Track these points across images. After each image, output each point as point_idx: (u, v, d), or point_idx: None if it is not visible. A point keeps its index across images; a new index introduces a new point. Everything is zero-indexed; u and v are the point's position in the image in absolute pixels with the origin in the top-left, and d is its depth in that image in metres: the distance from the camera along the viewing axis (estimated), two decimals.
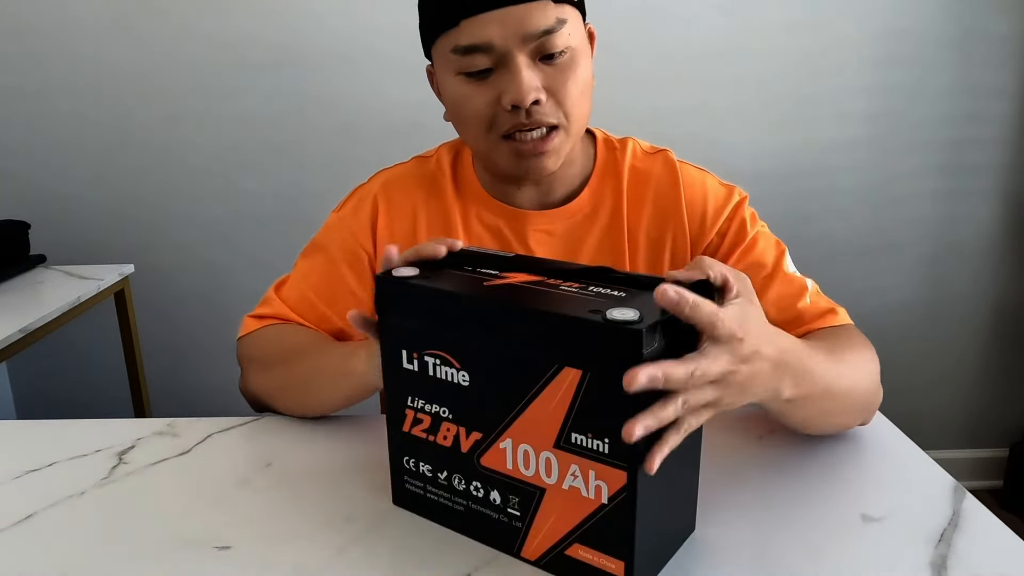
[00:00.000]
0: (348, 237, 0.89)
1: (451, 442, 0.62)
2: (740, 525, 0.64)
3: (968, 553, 0.60)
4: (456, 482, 0.63)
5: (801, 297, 0.81)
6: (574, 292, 0.56)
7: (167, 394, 2.04)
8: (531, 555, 0.60)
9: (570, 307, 0.53)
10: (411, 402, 0.63)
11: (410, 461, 0.65)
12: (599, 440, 0.53)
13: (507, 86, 0.73)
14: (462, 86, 0.75)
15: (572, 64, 0.75)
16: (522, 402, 0.56)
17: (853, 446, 0.78)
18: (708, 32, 1.85)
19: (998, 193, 2.00)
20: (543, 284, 0.58)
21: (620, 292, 0.56)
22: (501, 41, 0.71)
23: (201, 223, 1.96)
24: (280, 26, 1.83)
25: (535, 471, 0.57)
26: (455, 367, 0.59)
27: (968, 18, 1.86)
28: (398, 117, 1.87)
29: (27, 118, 1.88)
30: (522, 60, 0.72)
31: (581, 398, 0.53)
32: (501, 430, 0.58)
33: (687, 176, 0.87)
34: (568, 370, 0.53)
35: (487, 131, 0.77)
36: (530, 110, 0.73)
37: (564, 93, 0.75)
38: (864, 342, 0.78)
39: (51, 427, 0.86)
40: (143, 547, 0.63)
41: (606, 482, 0.54)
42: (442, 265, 0.63)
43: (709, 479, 0.69)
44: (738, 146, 1.93)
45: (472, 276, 0.61)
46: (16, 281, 1.70)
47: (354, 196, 0.93)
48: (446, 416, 0.61)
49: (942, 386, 2.14)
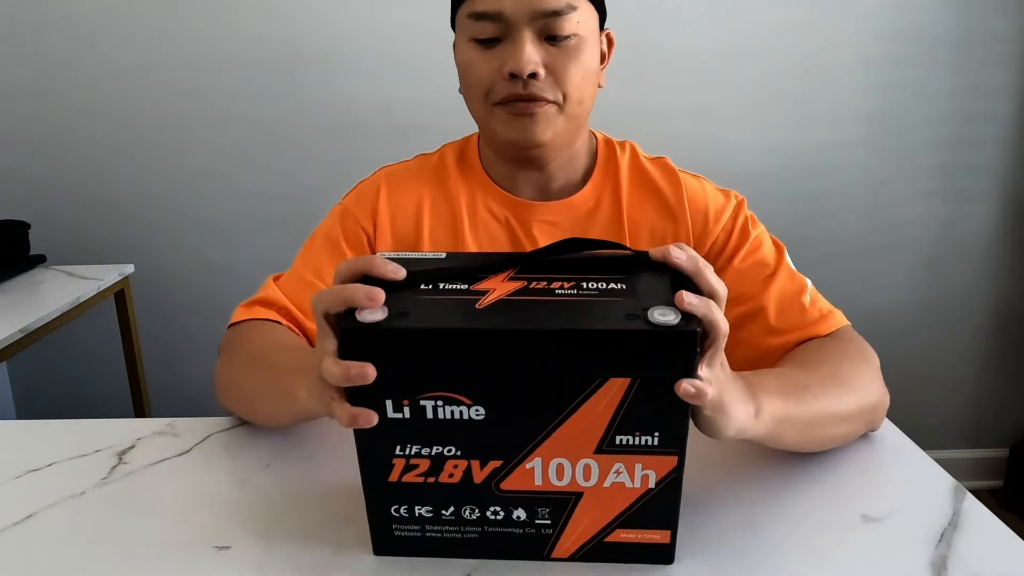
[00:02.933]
0: (350, 221, 0.90)
1: (460, 477, 0.55)
2: (740, 525, 0.64)
3: (968, 553, 0.60)
4: (467, 513, 0.57)
5: (802, 294, 0.83)
6: (577, 295, 0.53)
7: (167, 394, 2.04)
8: (563, 554, 0.57)
9: (598, 315, 0.50)
10: (401, 451, 0.55)
11: (400, 509, 0.57)
12: (648, 436, 0.52)
13: (509, 56, 0.77)
14: (471, 52, 0.80)
15: (577, 50, 0.78)
16: (556, 420, 0.52)
17: (853, 446, 0.78)
18: (708, 32, 1.85)
19: (998, 193, 2.00)
20: (533, 291, 0.54)
21: (618, 282, 0.54)
22: (511, 13, 0.76)
23: (201, 223, 1.96)
24: (280, 26, 1.83)
25: (570, 480, 0.54)
26: (465, 404, 0.52)
27: (968, 18, 1.86)
28: (398, 117, 1.87)
29: (27, 118, 1.88)
30: (527, 35, 0.76)
31: (629, 403, 0.51)
32: (528, 452, 0.54)
33: (686, 182, 0.89)
34: (614, 380, 0.50)
35: (485, 97, 0.80)
36: (527, 82, 0.77)
37: (564, 74, 0.78)
38: (854, 348, 0.78)
39: (51, 427, 0.86)
40: (143, 547, 0.63)
41: (654, 470, 0.53)
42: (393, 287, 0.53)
43: (709, 478, 0.69)
44: (738, 146, 1.93)
45: (454, 299, 0.53)
46: (16, 281, 1.70)
47: (355, 188, 0.94)
48: (452, 454, 0.55)
49: (942, 386, 2.13)
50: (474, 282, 0.55)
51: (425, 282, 0.55)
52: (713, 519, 0.64)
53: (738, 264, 0.85)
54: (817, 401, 0.68)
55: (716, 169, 0.93)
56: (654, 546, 0.57)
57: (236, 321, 0.86)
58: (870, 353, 0.78)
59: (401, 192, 0.90)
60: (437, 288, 0.54)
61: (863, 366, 0.75)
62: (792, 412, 0.64)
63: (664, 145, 0.92)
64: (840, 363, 0.74)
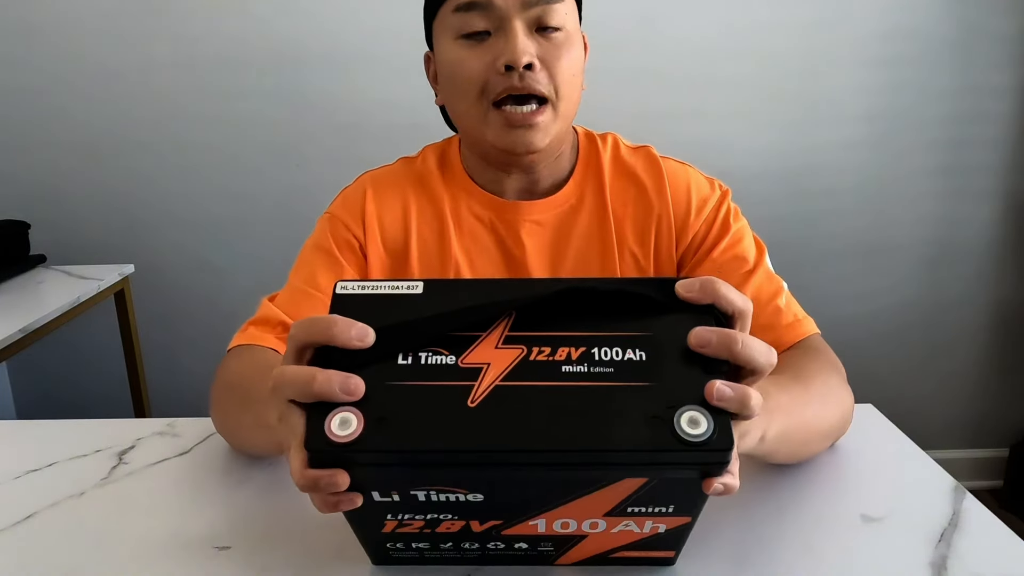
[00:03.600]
0: (340, 228, 0.87)
1: (458, 529, 0.51)
2: (740, 525, 0.64)
3: (968, 553, 0.60)
4: (467, 545, 0.54)
5: (778, 296, 0.82)
6: (587, 372, 0.45)
7: (167, 394, 2.04)
8: (567, 562, 0.56)
9: (615, 417, 0.43)
10: (393, 517, 0.50)
11: (397, 544, 0.54)
12: (662, 507, 0.48)
13: (503, 48, 0.75)
14: (459, 50, 0.77)
15: (567, 43, 0.77)
16: (561, 505, 0.47)
17: (853, 446, 0.78)
18: (708, 32, 1.85)
19: (998, 193, 2.00)
20: (534, 366, 0.45)
21: (635, 349, 0.46)
22: (502, 2, 0.74)
23: (201, 223, 1.96)
24: (280, 27, 1.83)
25: (576, 529, 0.51)
26: (462, 493, 0.46)
27: (969, 18, 1.86)
28: (398, 117, 1.87)
29: (27, 118, 1.88)
30: (519, 25, 0.75)
31: (645, 492, 0.46)
32: (530, 516, 0.49)
33: (670, 168, 0.88)
34: (629, 480, 0.45)
35: (479, 97, 0.77)
36: (523, 74, 0.75)
37: (557, 67, 0.77)
38: (827, 360, 0.77)
39: (51, 427, 0.86)
40: (143, 547, 0.63)
41: (665, 524, 0.50)
42: (366, 361, 0.45)
43: None
44: (738, 146, 1.93)
45: (440, 389, 0.44)
46: (16, 281, 1.70)
47: (340, 195, 0.92)
48: (448, 519, 0.50)
49: (942, 386, 2.13)
50: (462, 351, 0.46)
51: (404, 350, 0.46)
52: (713, 518, 0.64)
53: (717, 256, 0.84)
54: (814, 417, 0.68)
55: (715, 170, 0.92)
56: (658, 557, 0.57)
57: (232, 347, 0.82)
58: (839, 364, 0.78)
59: (387, 197, 0.88)
60: (418, 364, 0.45)
61: (837, 379, 0.75)
62: (792, 431, 0.63)
63: (664, 146, 0.91)
64: (826, 375, 0.74)
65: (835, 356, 0.78)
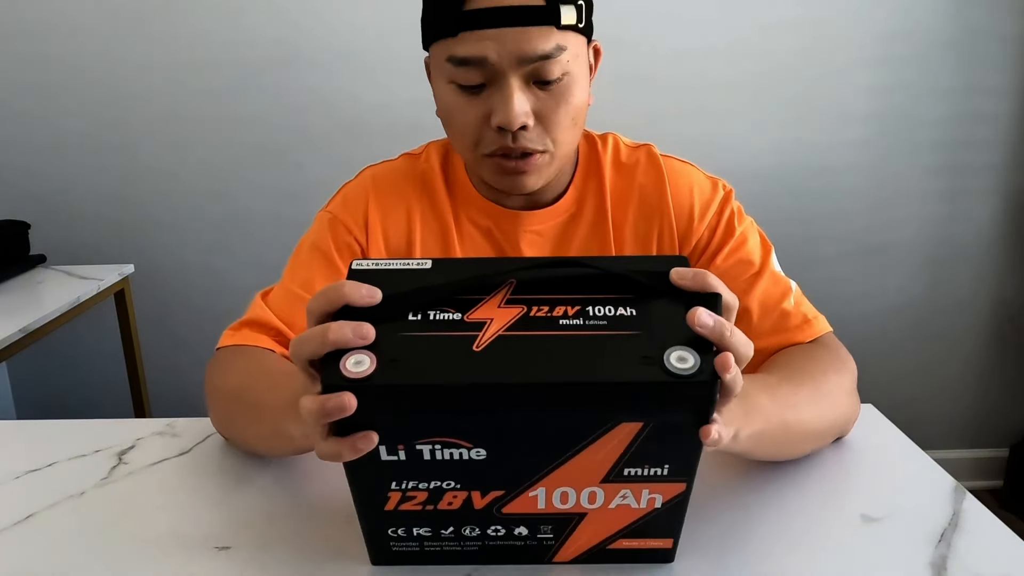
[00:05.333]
0: (340, 230, 0.85)
1: (460, 505, 0.54)
2: (740, 524, 0.64)
3: (968, 553, 0.60)
4: (468, 531, 0.56)
5: (786, 298, 0.80)
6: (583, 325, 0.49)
7: (167, 394, 2.04)
8: (564, 559, 0.57)
9: (610, 358, 0.47)
10: (396, 486, 0.53)
11: (398, 531, 0.56)
12: (658, 467, 0.51)
13: (497, 106, 0.72)
14: (454, 96, 0.74)
15: (566, 91, 0.73)
16: (561, 459, 0.51)
17: (853, 446, 0.78)
18: (707, 32, 1.85)
19: (998, 193, 2.00)
20: (535, 320, 0.49)
21: (627, 306, 0.50)
22: (497, 59, 0.70)
23: (201, 223, 1.96)
24: (280, 26, 1.83)
25: (574, 504, 0.53)
26: (465, 447, 0.50)
27: (968, 18, 1.86)
28: (399, 117, 1.87)
29: (27, 118, 1.88)
30: (515, 82, 0.71)
31: (639, 443, 0.49)
32: (531, 484, 0.52)
33: (672, 170, 0.85)
34: (625, 424, 0.48)
35: (472, 147, 0.76)
36: (516, 134, 0.73)
37: (553, 121, 0.73)
38: (835, 359, 0.76)
39: (51, 427, 0.86)
40: (143, 547, 0.63)
41: (661, 494, 0.52)
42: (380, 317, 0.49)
43: (708, 478, 0.69)
44: (738, 146, 1.93)
45: (448, 338, 0.48)
46: (16, 281, 1.70)
47: (341, 192, 0.89)
48: (452, 487, 0.53)
49: (942, 386, 2.13)
50: (468, 309, 0.50)
51: (414, 309, 0.50)
52: (713, 518, 0.64)
53: (720, 262, 0.82)
54: (799, 420, 0.67)
55: (716, 169, 0.92)
56: (655, 550, 0.57)
57: (223, 345, 0.81)
58: (849, 363, 0.77)
59: (391, 199, 0.86)
60: (427, 319, 0.49)
61: (841, 378, 0.74)
62: (770, 433, 0.63)
63: (664, 146, 0.91)
64: (825, 375, 0.73)
65: (846, 355, 0.77)
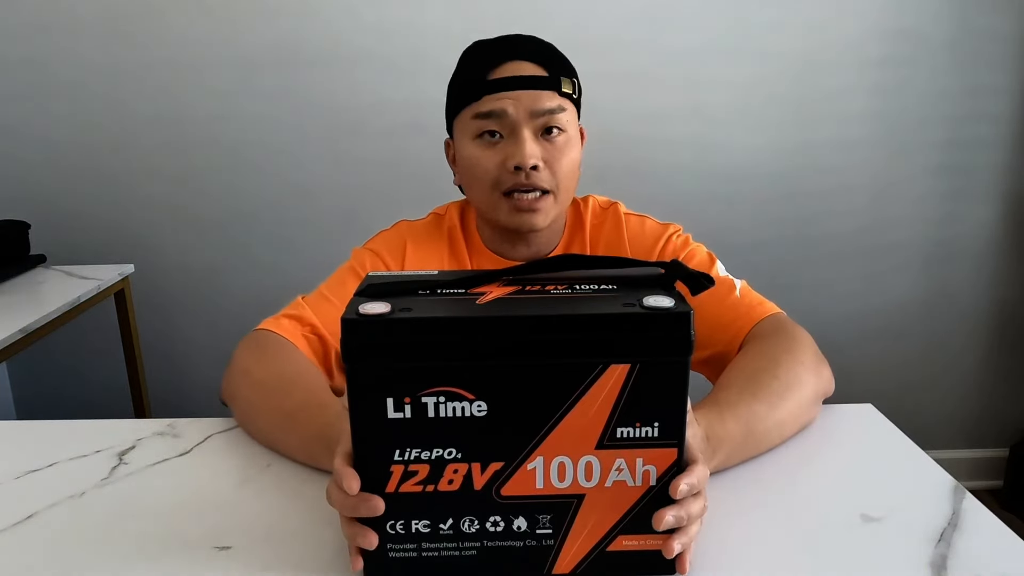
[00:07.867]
0: (379, 262, 0.98)
1: (460, 484, 0.55)
2: (740, 524, 0.64)
3: (968, 553, 0.60)
4: (466, 525, 0.57)
5: (732, 292, 0.90)
6: (572, 293, 0.56)
7: (167, 394, 2.04)
8: (564, 568, 0.57)
9: (595, 305, 0.53)
10: (400, 456, 0.55)
11: (397, 525, 0.56)
12: (648, 427, 0.54)
13: (513, 151, 0.88)
14: (477, 149, 0.91)
15: (567, 146, 0.90)
16: (559, 412, 0.53)
17: (853, 446, 0.78)
18: (707, 32, 1.85)
19: (998, 193, 2.00)
20: (529, 292, 0.57)
21: (611, 284, 0.57)
22: (513, 112, 0.88)
23: (201, 223, 1.96)
24: (280, 26, 1.83)
25: (572, 480, 0.55)
26: (468, 399, 0.53)
27: (968, 18, 1.86)
28: (399, 118, 1.87)
29: (27, 118, 1.88)
30: (527, 133, 0.88)
31: (629, 391, 0.53)
32: (530, 451, 0.54)
33: (629, 222, 1.00)
34: (615, 366, 0.52)
35: (492, 188, 0.91)
36: (529, 173, 0.88)
37: (558, 166, 0.90)
38: (787, 339, 0.83)
39: (51, 427, 0.86)
40: (143, 547, 0.63)
41: (655, 465, 0.55)
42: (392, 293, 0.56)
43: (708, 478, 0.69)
44: (738, 146, 1.93)
45: (454, 299, 0.56)
46: (16, 281, 1.70)
47: (379, 236, 1.02)
48: (453, 457, 0.55)
49: (942, 386, 2.13)
50: (471, 287, 0.58)
51: (423, 288, 0.57)
52: (712, 518, 0.64)
53: None
54: (764, 427, 0.74)
55: (715, 170, 0.92)
56: (656, 555, 0.57)
57: (263, 328, 0.89)
58: (803, 338, 0.83)
59: (426, 251, 0.99)
60: (436, 293, 0.57)
61: (797, 357, 0.80)
62: (739, 450, 0.72)
63: (663, 146, 0.92)
64: (780, 365, 0.79)
65: (800, 332, 0.85)
